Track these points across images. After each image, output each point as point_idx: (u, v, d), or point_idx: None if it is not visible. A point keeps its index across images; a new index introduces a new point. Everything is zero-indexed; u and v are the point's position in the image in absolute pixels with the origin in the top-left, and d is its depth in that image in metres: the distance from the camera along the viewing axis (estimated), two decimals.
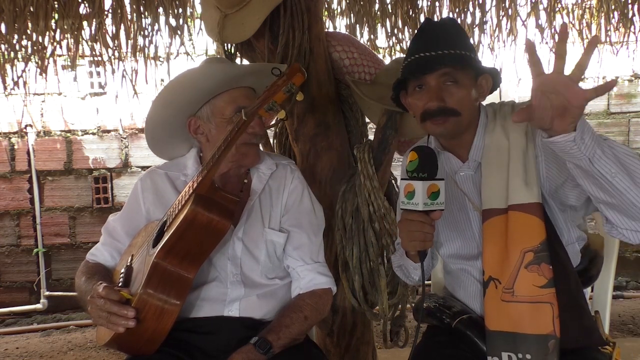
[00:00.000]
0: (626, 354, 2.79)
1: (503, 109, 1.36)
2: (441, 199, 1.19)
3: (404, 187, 1.21)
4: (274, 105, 1.26)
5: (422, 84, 1.29)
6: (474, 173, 1.36)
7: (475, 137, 1.34)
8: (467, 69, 1.28)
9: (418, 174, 1.19)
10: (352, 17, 2.59)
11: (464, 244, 1.40)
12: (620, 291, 3.92)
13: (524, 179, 1.24)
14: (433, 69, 1.26)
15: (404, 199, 1.21)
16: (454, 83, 1.27)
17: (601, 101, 3.99)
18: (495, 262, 1.27)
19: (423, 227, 1.20)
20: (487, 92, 1.35)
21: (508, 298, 1.23)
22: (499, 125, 1.32)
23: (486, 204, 1.30)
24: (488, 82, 1.34)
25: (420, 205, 1.18)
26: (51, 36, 2.32)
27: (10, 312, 3.75)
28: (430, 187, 1.18)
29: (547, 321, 1.19)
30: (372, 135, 1.86)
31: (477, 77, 1.31)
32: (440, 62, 1.26)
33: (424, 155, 1.21)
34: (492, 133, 1.32)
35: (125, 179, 3.81)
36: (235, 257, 1.43)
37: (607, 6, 2.75)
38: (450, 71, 1.26)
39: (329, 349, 1.96)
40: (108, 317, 1.21)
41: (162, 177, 1.53)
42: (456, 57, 1.26)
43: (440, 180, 1.19)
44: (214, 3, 1.87)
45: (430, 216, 1.20)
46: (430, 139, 1.41)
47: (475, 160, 1.35)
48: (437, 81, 1.27)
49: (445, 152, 1.40)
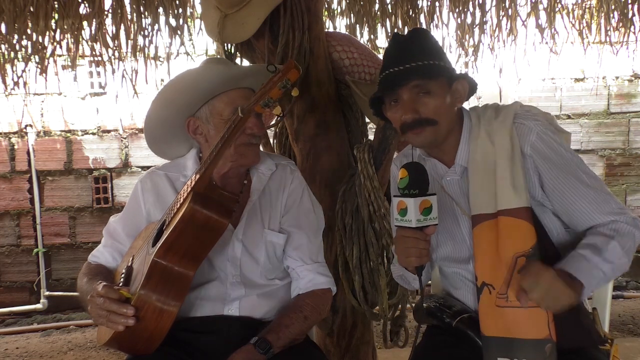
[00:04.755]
0: (626, 354, 2.78)
1: (486, 112, 1.36)
2: (434, 214, 1.20)
3: (396, 204, 1.22)
4: (270, 101, 1.28)
5: (397, 98, 1.31)
6: (460, 178, 1.37)
7: (460, 142, 1.35)
8: (438, 77, 1.29)
9: (409, 191, 1.20)
10: (352, 17, 2.59)
11: (455, 248, 1.40)
12: (620, 291, 3.92)
13: (511, 184, 1.24)
14: (403, 82, 1.28)
15: (397, 216, 1.22)
16: (427, 93, 1.28)
17: (601, 101, 3.99)
18: (488, 268, 1.27)
19: (418, 243, 1.21)
20: (464, 96, 1.35)
21: (502, 303, 1.23)
22: (483, 129, 1.32)
23: (475, 209, 1.30)
24: (464, 87, 1.34)
25: (414, 222, 1.19)
26: (51, 36, 2.32)
27: (10, 312, 3.75)
28: (422, 203, 1.19)
29: (542, 326, 1.20)
30: (372, 135, 1.86)
31: (451, 83, 1.32)
32: (409, 75, 1.27)
33: (414, 172, 1.21)
34: (476, 138, 1.33)
35: (125, 179, 3.81)
36: (235, 258, 1.43)
37: (607, 6, 2.74)
38: (420, 83, 1.27)
39: (329, 349, 1.96)
40: (108, 315, 1.21)
41: (162, 178, 1.53)
42: (424, 68, 1.27)
43: (432, 196, 1.20)
44: (214, 3, 1.87)
45: (424, 231, 1.21)
46: (415, 148, 1.42)
47: (460, 165, 1.36)
48: (410, 93, 1.28)
49: (430, 158, 1.41)
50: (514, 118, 1.30)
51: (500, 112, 1.33)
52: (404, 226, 1.21)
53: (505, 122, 1.30)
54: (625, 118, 4.02)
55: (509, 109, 1.33)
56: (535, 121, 1.28)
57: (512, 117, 1.30)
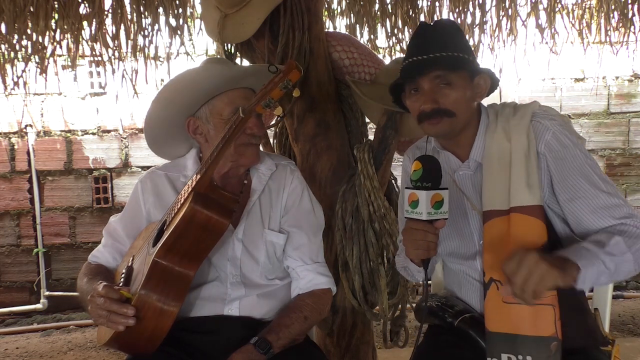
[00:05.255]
0: (626, 354, 2.79)
1: (505, 110, 1.36)
2: (445, 208, 1.20)
3: (407, 196, 1.22)
4: (271, 101, 1.28)
5: (417, 87, 1.31)
6: (473, 173, 1.37)
7: (476, 137, 1.35)
8: (461, 70, 1.29)
9: (422, 184, 1.20)
10: (352, 17, 2.59)
11: (461, 243, 1.40)
12: (620, 291, 3.92)
13: (526, 181, 1.24)
14: (425, 72, 1.28)
15: (408, 208, 1.21)
16: (448, 85, 1.28)
17: (601, 101, 3.99)
18: (497, 263, 1.26)
19: (427, 236, 1.21)
20: (485, 91, 1.35)
21: (510, 300, 1.22)
22: (500, 126, 1.32)
23: (487, 205, 1.30)
24: (486, 82, 1.34)
25: (424, 215, 1.19)
26: (51, 36, 2.32)
27: (10, 312, 3.75)
28: (434, 197, 1.19)
29: (548, 323, 1.20)
30: (372, 135, 1.86)
31: (473, 77, 1.32)
32: (431, 65, 1.27)
33: (428, 165, 1.21)
34: (493, 134, 1.33)
35: (125, 179, 3.81)
36: (235, 258, 1.43)
37: (607, 6, 2.74)
38: (442, 73, 1.27)
39: (329, 349, 1.96)
40: (108, 315, 1.21)
41: (162, 178, 1.53)
42: (448, 59, 1.27)
43: (444, 190, 1.20)
44: (214, 3, 1.87)
45: (434, 225, 1.21)
46: (430, 138, 1.42)
47: (475, 161, 1.36)
48: (431, 84, 1.28)
49: (444, 151, 1.41)
50: (532, 117, 1.30)
51: (519, 111, 1.33)
52: (414, 218, 1.21)
53: (523, 120, 1.30)
54: (625, 118, 4.02)
55: (528, 107, 1.33)
56: (553, 120, 1.28)
57: (530, 115, 1.30)
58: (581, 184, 1.23)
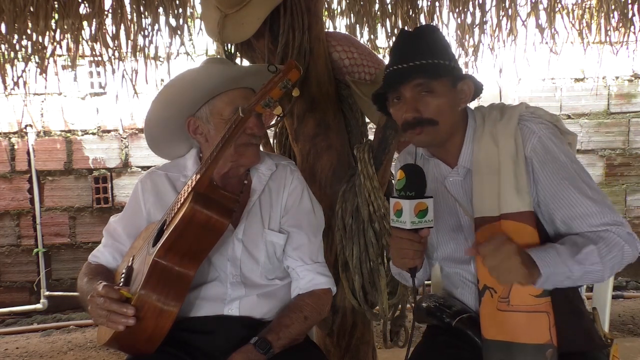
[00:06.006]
0: (626, 354, 2.79)
1: (492, 113, 1.35)
2: (429, 217, 1.20)
3: (392, 205, 1.22)
4: (271, 101, 1.28)
5: (400, 95, 1.30)
6: (463, 179, 1.36)
7: (464, 143, 1.34)
8: (442, 77, 1.28)
9: (406, 193, 1.20)
10: (352, 17, 2.59)
11: (457, 247, 1.40)
12: (620, 291, 3.92)
13: (515, 187, 1.23)
14: (406, 80, 1.27)
15: (393, 217, 1.22)
16: (429, 92, 1.27)
17: (601, 101, 3.99)
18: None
19: (412, 244, 1.22)
20: (469, 96, 1.33)
21: (504, 307, 1.22)
22: (487, 130, 1.31)
23: (478, 212, 1.29)
24: (470, 87, 1.33)
25: (408, 224, 1.19)
26: (51, 36, 2.32)
27: (10, 312, 3.75)
28: (418, 206, 1.19)
29: (543, 330, 1.19)
30: (372, 135, 1.86)
31: (456, 83, 1.30)
32: (412, 73, 1.27)
33: (412, 174, 1.21)
34: (480, 139, 1.32)
35: (125, 179, 3.81)
36: (235, 258, 1.43)
37: (607, 6, 2.74)
38: (423, 81, 1.26)
39: (329, 349, 1.96)
40: (108, 315, 1.21)
41: (162, 178, 1.53)
42: (428, 67, 1.26)
43: (429, 198, 1.20)
44: (214, 3, 1.87)
45: (419, 234, 1.21)
46: (418, 147, 1.41)
47: (464, 167, 1.35)
48: (412, 92, 1.28)
49: (433, 158, 1.41)
50: (519, 120, 1.29)
51: (505, 113, 1.32)
52: (399, 227, 1.21)
53: (510, 124, 1.28)
54: (625, 118, 4.02)
55: (514, 110, 1.31)
56: (540, 124, 1.27)
57: (516, 118, 1.29)
58: (563, 187, 1.22)
